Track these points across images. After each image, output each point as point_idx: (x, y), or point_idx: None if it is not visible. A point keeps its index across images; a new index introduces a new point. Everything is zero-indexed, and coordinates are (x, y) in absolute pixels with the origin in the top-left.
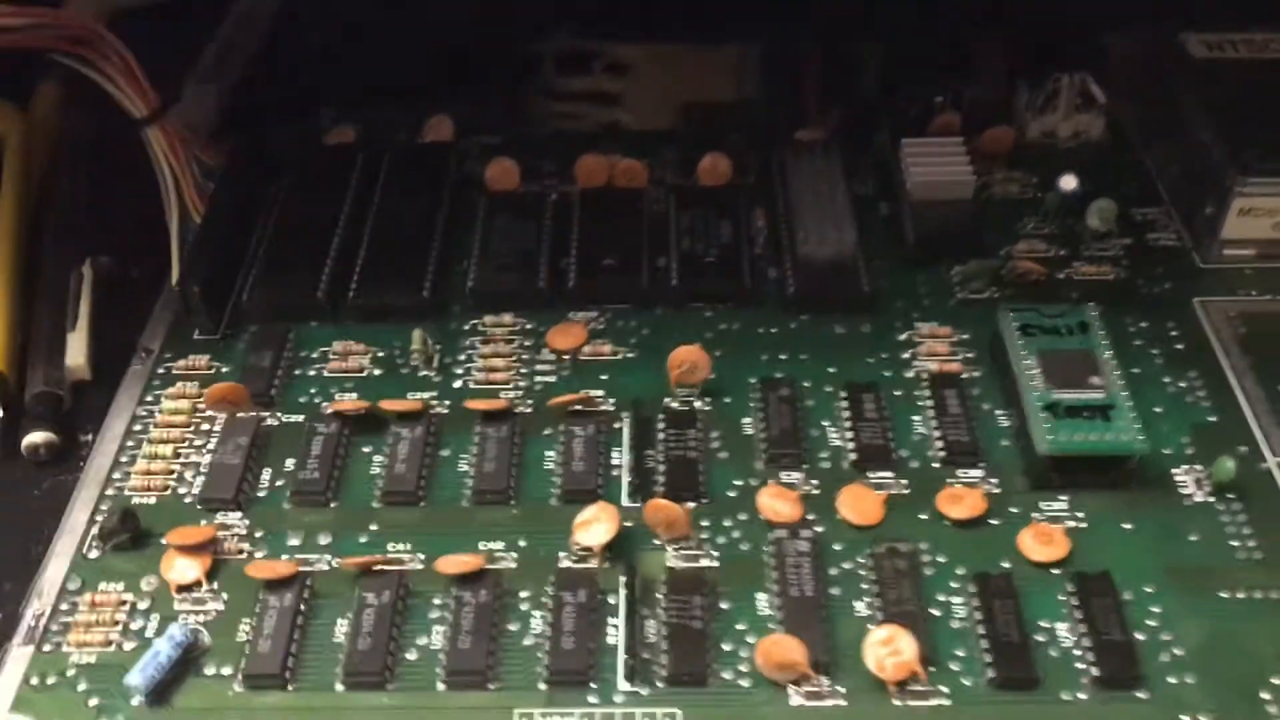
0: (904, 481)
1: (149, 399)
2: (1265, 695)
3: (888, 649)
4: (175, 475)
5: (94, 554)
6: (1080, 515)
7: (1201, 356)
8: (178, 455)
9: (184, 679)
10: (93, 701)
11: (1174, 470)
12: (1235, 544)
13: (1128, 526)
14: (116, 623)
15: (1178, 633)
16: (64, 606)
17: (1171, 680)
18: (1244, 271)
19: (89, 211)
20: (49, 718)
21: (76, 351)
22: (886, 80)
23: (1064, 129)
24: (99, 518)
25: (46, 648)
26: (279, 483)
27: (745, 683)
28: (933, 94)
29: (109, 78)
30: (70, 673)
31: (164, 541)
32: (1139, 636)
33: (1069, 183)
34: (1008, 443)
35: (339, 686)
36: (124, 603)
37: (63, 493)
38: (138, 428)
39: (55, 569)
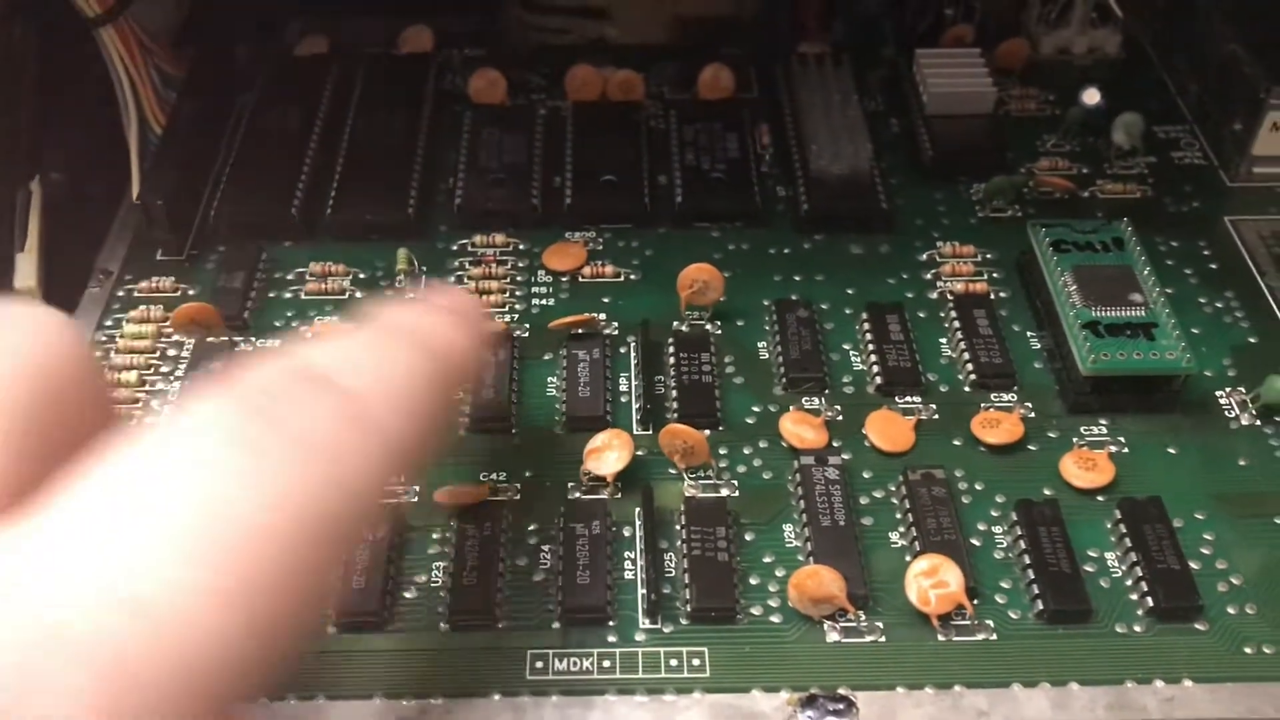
0: (933, 406)
1: (108, 323)
2: None
3: (931, 580)
4: (140, 404)
5: None
6: (1121, 440)
7: (1236, 276)
8: (143, 382)
9: None
10: None
11: (1216, 393)
12: None
13: (1172, 451)
14: None
15: (1233, 561)
16: None
17: (1231, 610)
18: (1275, 190)
19: (37, 125)
20: None
21: (25, 274)
22: None
23: (1078, 45)
24: None
25: None
26: None
27: (776, 618)
28: (941, 6)
29: None
30: None
31: None
32: (1194, 565)
33: (1092, 96)
34: (1040, 365)
35: (331, 629)
36: None
37: None
38: (97, 354)
39: None
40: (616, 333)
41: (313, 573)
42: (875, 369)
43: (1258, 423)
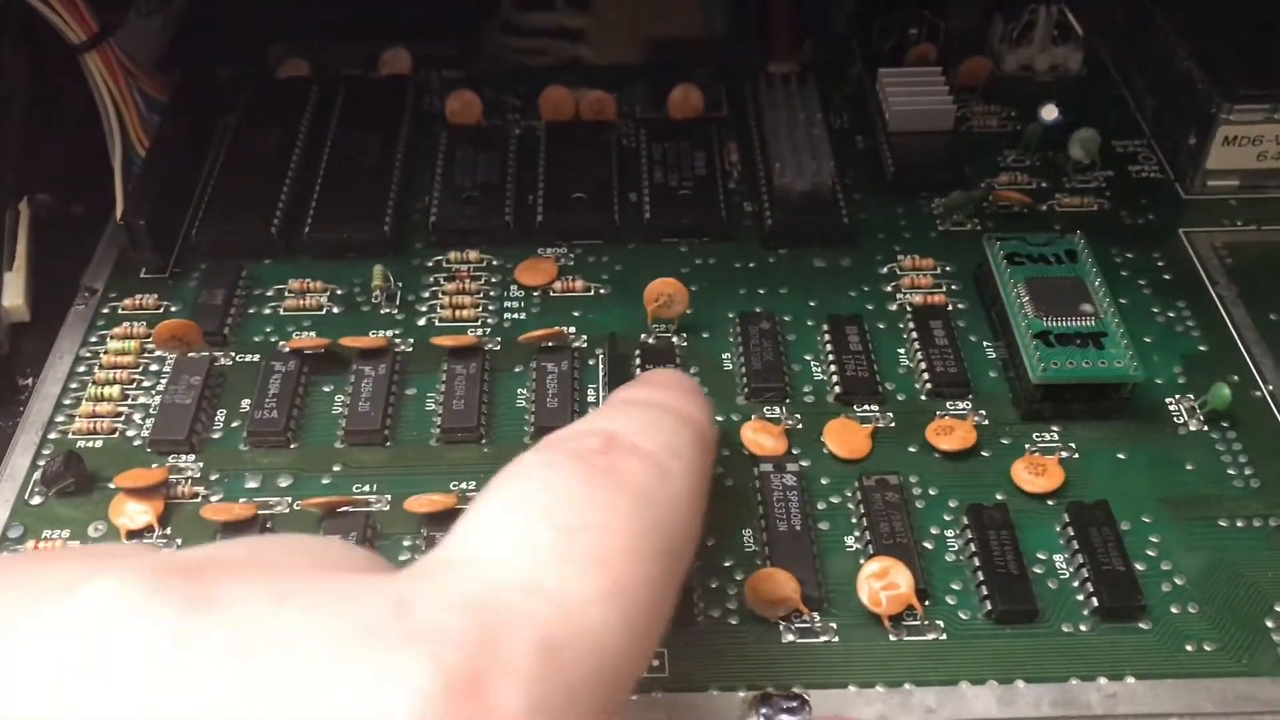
0: (890, 415)
1: (93, 340)
2: (1269, 623)
3: (882, 582)
4: (123, 417)
5: (37, 500)
6: (1072, 446)
7: (1189, 286)
8: (125, 397)
9: None
10: None
11: (1166, 400)
12: (1232, 472)
13: (1121, 456)
14: None
15: (1178, 562)
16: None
17: (1174, 610)
18: (1228, 202)
19: (25, 147)
20: None
21: (14, 292)
22: (858, 12)
23: (1041, 62)
24: (41, 462)
25: None
26: (234, 424)
27: (734, 620)
28: (906, 26)
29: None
30: None
31: (112, 485)
32: (1139, 566)
33: (1050, 113)
34: (996, 374)
35: None
36: None
37: (1, 438)
38: (81, 369)
39: None
40: (585, 345)
41: (664, 589)
42: (834, 379)
43: (1205, 428)
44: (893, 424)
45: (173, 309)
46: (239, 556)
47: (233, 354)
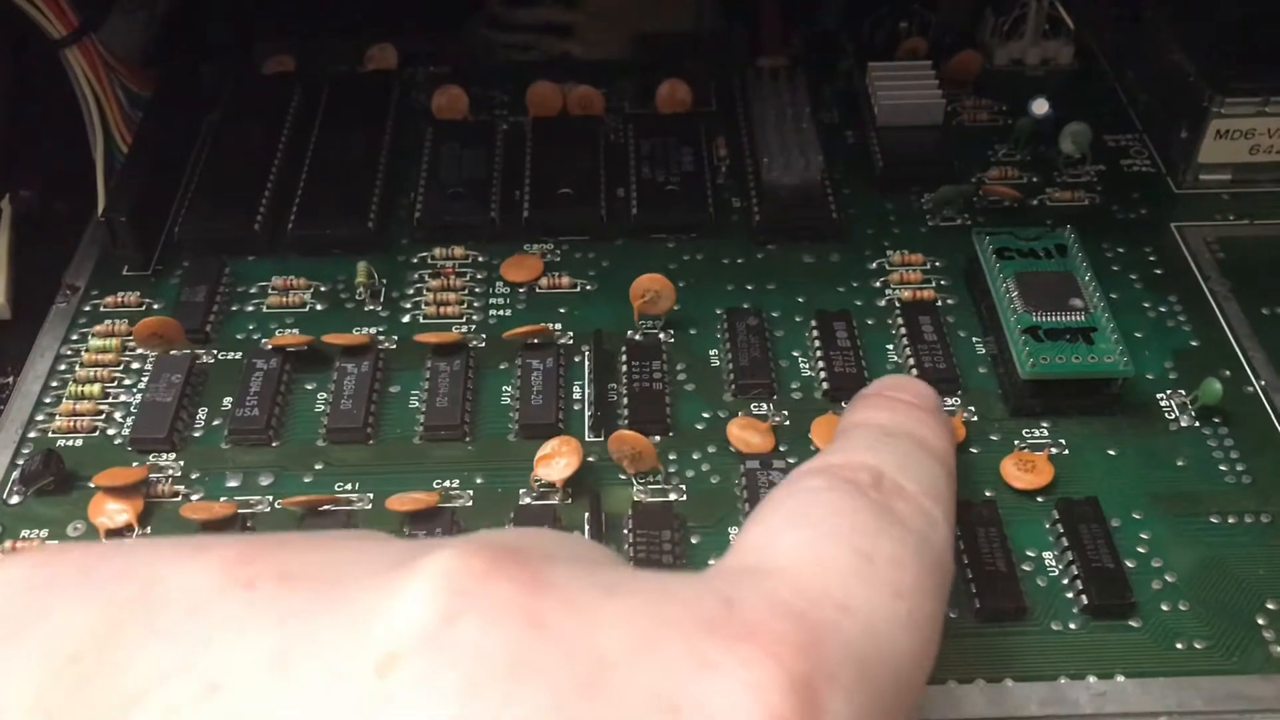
0: None
1: (74, 338)
2: (1260, 620)
3: None
4: (103, 416)
5: (15, 499)
6: (1062, 442)
7: (1181, 281)
8: (106, 395)
9: None
10: None
11: (1157, 395)
12: (1223, 468)
13: (1112, 452)
14: None
15: (1168, 559)
16: None
17: (1164, 607)
18: (1220, 196)
19: (6, 144)
20: None
21: None
22: (848, 6)
23: (1032, 55)
24: (20, 461)
25: None
26: (215, 422)
27: None
28: (897, 19)
29: None
30: None
31: (92, 484)
32: (1129, 564)
33: (1041, 107)
34: (985, 370)
35: None
36: None
37: None
38: (62, 367)
39: None
40: (571, 342)
41: (939, 629)
42: (822, 375)
43: (1196, 424)
44: None
45: (155, 306)
46: (524, 544)
47: (215, 351)
